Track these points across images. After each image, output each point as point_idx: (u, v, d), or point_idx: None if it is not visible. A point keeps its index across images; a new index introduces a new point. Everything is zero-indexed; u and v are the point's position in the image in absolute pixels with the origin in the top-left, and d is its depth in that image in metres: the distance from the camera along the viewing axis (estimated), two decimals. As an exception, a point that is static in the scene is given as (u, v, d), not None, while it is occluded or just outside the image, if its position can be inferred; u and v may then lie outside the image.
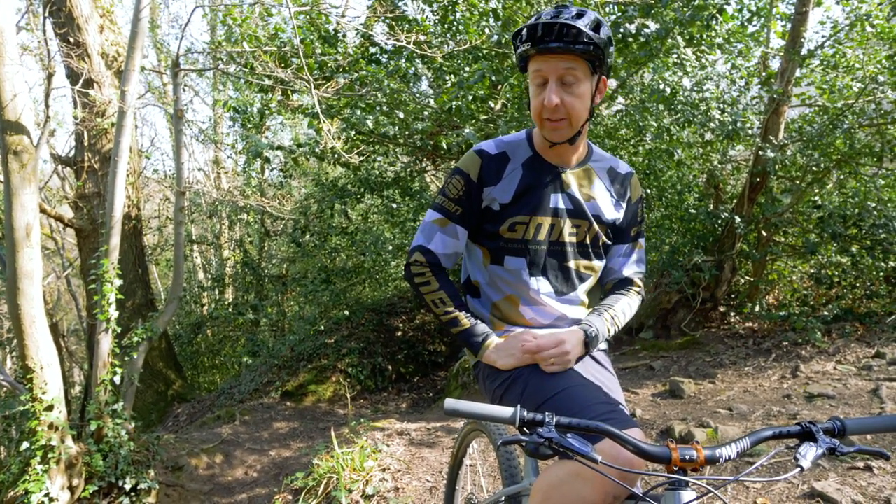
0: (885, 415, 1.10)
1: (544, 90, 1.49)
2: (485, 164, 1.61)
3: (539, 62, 1.48)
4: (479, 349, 1.58)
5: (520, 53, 1.50)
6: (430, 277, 1.64)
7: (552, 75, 1.47)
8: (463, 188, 1.62)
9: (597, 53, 1.45)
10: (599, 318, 1.61)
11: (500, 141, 1.66)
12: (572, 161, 1.64)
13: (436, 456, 3.92)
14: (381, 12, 6.01)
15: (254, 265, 9.83)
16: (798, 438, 1.05)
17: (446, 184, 1.66)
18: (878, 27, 6.10)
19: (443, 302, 1.61)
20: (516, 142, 1.65)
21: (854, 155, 5.67)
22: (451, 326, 1.61)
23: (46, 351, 3.58)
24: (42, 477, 3.45)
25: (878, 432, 1.07)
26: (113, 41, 6.61)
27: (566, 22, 1.41)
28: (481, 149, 1.63)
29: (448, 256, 1.66)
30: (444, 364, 8.18)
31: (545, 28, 1.42)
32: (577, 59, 1.46)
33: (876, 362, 4.39)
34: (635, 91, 6.23)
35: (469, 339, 1.59)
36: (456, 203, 1.63)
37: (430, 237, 1.65)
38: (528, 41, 1.45)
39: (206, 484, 4.52)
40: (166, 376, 7.44)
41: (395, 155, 8.07)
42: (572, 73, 1.46)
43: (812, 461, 0.99)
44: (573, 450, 0.99)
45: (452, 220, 1.64)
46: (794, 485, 2.65)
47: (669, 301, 6.31)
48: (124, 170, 4.22)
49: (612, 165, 1.70)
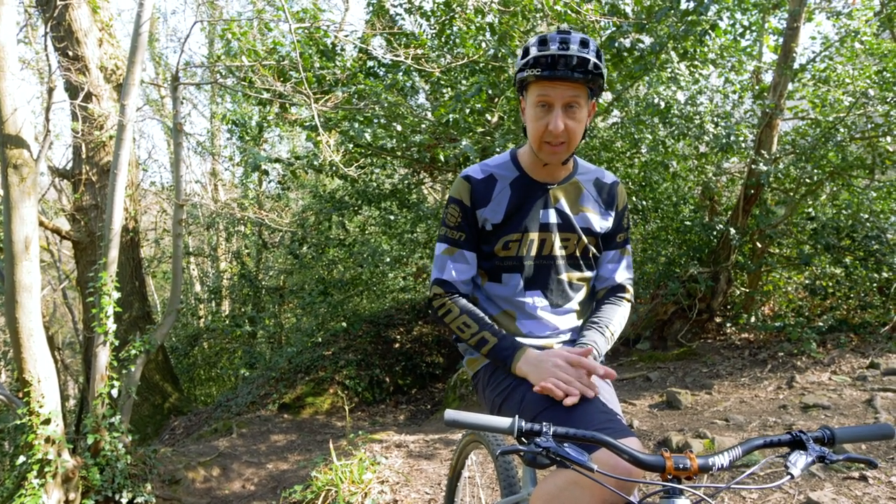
0: (875, 423, 1.12)
1: (547, 115, 1.52)
2: (474, 188, 1.66)
3: (544, 87, 1.50)
4: (512, 362, 1.56)
5: (523, 77, 1.52)
6: (450, 305, 1.66)
7: (558, 101, 1.50)
8: (460, 214, 1.67)
9: (599, 81, 1.50)
10: (602, 337, 1.63)
11: (484, 165, 1.71)
12: (559, 176, 1.69)
13: (434, 468, 3.91)
14: (379, 27, 6.09)
15: (251, 277, 9.83)
16: (789, 447, 1.08)
17: (445, 214, 1.71)
18: (867, 43, 6.21)
19: (467, 325, 1.62)
20: (501, 164, 1.70)
21: (846, 167, 5.74)
22: (481, 347, 1.61)
23: (44, 364, 3.57)
24: (38, 491, 3.44)
25: (867, 441, 1.10)
26: (112, 54, 6.66)
27: (580, 54, 1.45)
28: (468, 174, 1.69)
29: (464, 283, 1.70)
30: (441, 376, 8.17)
31: (559, 58, 1.45)
32: (581, 87, 1.50)
33: (870, 373, 4.42)
34: (630, 104, 6.30)
35: (499, 355, 1.58)
36: (458, 230, 1.68)
37: (443, 268, 1.69)
38: (537, 67, 1.48)
39: (204, 497, 4.50)
40: (163, 389, 7.41)
41: (393, 167, 8.13)
42: (576, 99, 1.51)
43: (802, 469, 1.01)
44: (570, 459, 1.01)
45: (459, 247, 1.69)
46: (789, 495, 2.67)
47: (666, 312, 6.34)
48: (123, 183, 4.23)
49: (598, 176, 1.74)
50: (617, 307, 1.72)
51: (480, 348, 1.61)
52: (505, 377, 1.60)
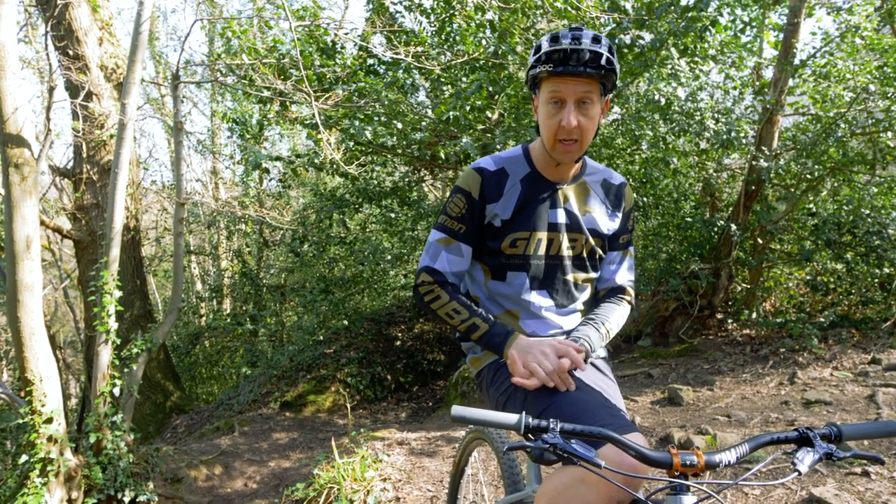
0: (881, 420, 1.12)
1: (560, 111, 1.51)
2: (485, 181, 1.62)
3: (557, 84, 1.49)
4: (504, 348, 1.55)
5: (535, 73, 1.51)
6: (438, 292, 1.63)
7: (571, 97, 1.49)
8: (465, 206, 1.63)
9: (612, 77, 1.50)
10: (596, 333, 1.62)
11: (497, 157, 1.68)
12: (569, 176, 1.67)
13: (436, 465, 3.92)
14: (379, 25, 6.07)
15: (252, 275, 9.82)
16: (796, 444, 1.08)
17: (448, 203, 1.67)
18: (868, 38, 6.20)
19: (456, 312, 1.60)
20: (513, 158, 1.68)
21: (847, 163, 5.73)
22: (471, 333, 1.59)
23: (46, 363, 3.58)
24: (41, 490, 3.44)
25: (874, 438, 1.10)
26: (112, 53, 6.65)
27: (592, 49, 1.44)
28: (480, 166, 1.65)
29: (455, 275, 1.67)
30: (443, 373, 8.17)
31: (571, 53, 1.44)
32: (594, 82, 1.49)
33: (872, 368, 4.42)
34: (631, 101, 6.30)
35: (491, 341, 1.57)
36: (459, 221, 1.64)
37: (436, 257, 1.66)
38: (550, 63, 1.47)
39: (206, 496, 4.50)
40: (165, 387, 7.42)
41: (394, 165, 8.12)
42: (589, 95, 1.49)
43: (809, 466, 1.01)
44: (577, 455, 1.01)
45: (457, 239, 1.65)
46: (792, 490, 2.67)
47: (667, 309, 6.34)
48: (124, 182, 4.23)
49: (606, 177, 1.73)
50: (616, 306, 1.71)
51: (471, 334, 1.59)
52: (509, 375, 1.58)
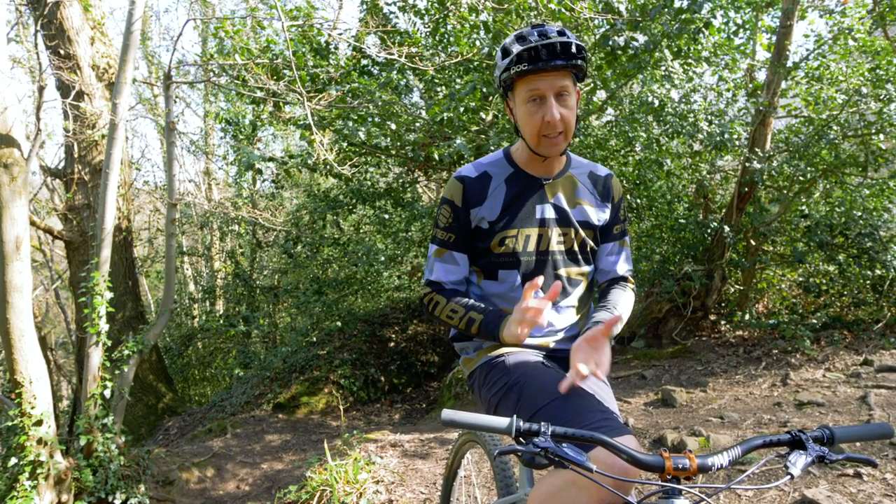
0: (874, 423, 1.12)
1: (541, 107, 1.52)
2: (467, 188, 1.65)
3: (534, 81, 1.51)
4: (498, 332, 1.54)
5: (510, 75, 1.52)
6: (438, 298, 1.67)
7: (550, 92, 1.51)
8: (451, 216, 1.67)
9: (583, 66, 1.52)
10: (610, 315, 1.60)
11: (478, 163, 1.71)
12: (554, 171, 1.69)
13: (430, 467, 3.90)
14: (373, 25, 6.06)
15: (245, 277, 9.79)
16: (788, 447, 1.07)
17: (437, 216, 1.72)
18: (861, 41, 6.23)
19: (455, 311, 1.63)
20: (495, 161, 1.70)
21: (839, 165, 5.76)
22: (471, 328, 1.60)
23: (36, 365, 3.54)
24: (31, 493, 3.41)
25: (867, 440, 1.09)
26: (104, 53, 6.61)
27: (561, 40, 1.47)
28: (461, 174, 1.68)
29: (453, 283, 1.70)
30: (436, 375, 8.16)
31: (542, 48, 1.46)
32: (567, 74, 1.52)
33: (864, 369, 4.44)
34: (624, 103, 6.31)
35: (487, 329, 1.57)
36: (448, 231, 1.68)
37: (432, 269, 1.71)
38: (522, 62, 1.48)
39: (198, 498, 4.47)
40: (156, 389, 7.37)
41: (387, 166, 8.10)
42: (565, 87, 1.52)
43: (802, 469, 1.00)
44: (568, 459, 1.00)
45: (449, 248, 1.69)
46: (784, 492, 2.68)
47: (660, 310, 6.35)
48: (115, 182, 4.20)
49: (592, 170, 1.75)
50: (623, 291, 1.71)
51: (470, 329, 1.60)
52: (501, 376, 1.58)
